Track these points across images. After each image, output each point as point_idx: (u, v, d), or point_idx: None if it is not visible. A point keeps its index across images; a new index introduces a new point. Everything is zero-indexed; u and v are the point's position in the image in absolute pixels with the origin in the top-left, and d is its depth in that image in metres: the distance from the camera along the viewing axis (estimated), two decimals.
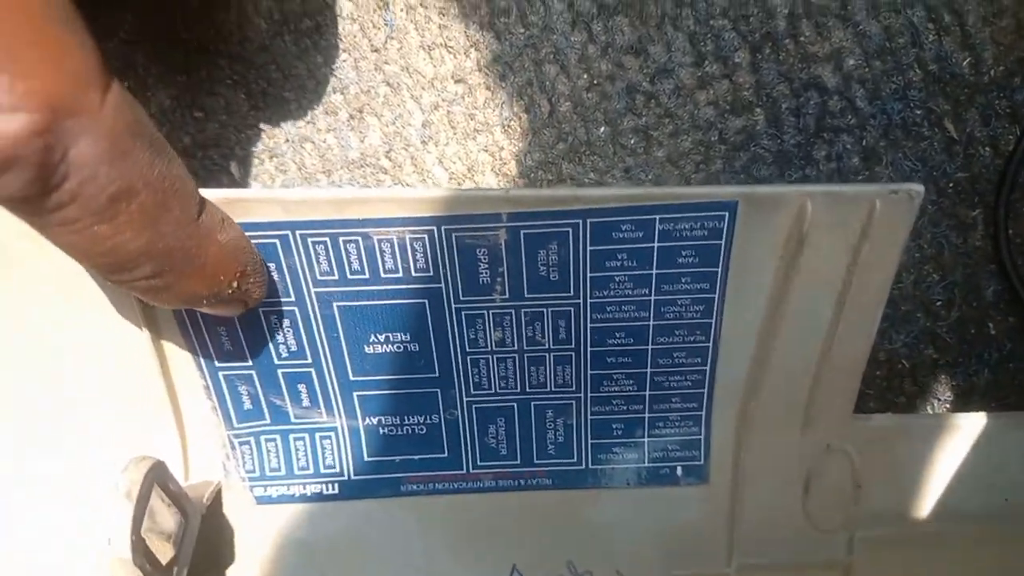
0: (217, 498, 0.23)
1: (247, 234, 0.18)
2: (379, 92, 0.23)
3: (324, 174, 0.24)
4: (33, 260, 0.19)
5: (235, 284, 0.17)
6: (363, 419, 0.22)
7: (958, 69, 0.23)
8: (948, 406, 0.26)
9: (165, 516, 0.21)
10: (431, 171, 0.24)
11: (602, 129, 0.23)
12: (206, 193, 0.18)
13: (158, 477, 0.20)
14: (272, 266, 0.19)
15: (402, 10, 0.22)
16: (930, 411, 0.27)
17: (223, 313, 0.18)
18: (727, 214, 0.18)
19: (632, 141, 0.23)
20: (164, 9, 0.23)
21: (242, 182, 0.24)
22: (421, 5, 0.22)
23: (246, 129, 0.24)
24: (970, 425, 0.24)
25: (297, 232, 0.19)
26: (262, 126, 0.24)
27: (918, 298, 0.25)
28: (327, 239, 0.19)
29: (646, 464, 0.23)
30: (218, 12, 0.23)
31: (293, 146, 0.24)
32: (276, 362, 0.21)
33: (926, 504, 0.24)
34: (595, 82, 0.23)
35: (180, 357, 0.21)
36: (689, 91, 0.23)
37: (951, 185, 0.24)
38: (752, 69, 0.23)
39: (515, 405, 0.22)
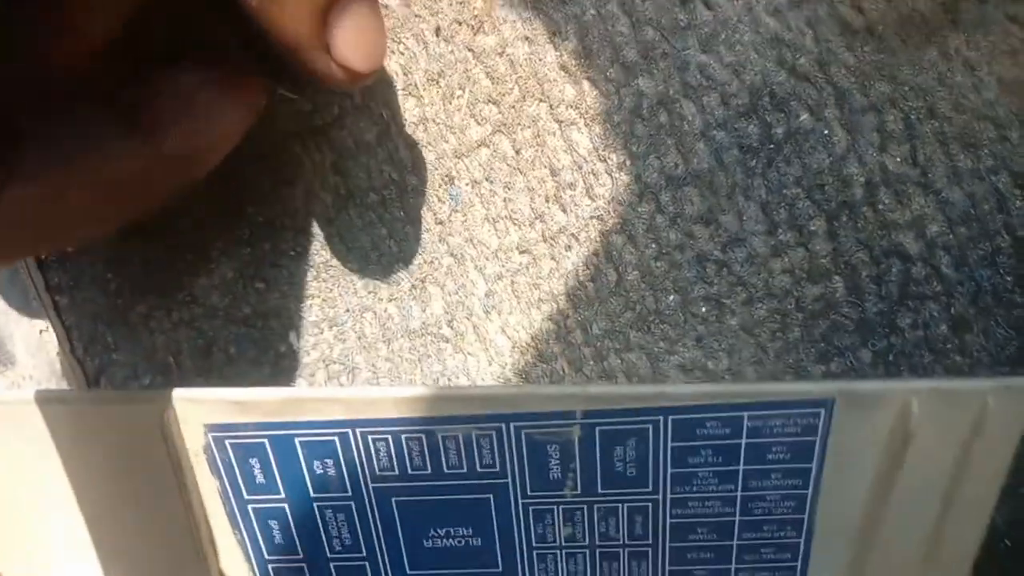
0: None
1: (307, 432, 0.18)
2: (442, 263, 0.23)
3: (384, 343, 0.23)
4: (78, 452, 0.19)
5: None
6: None
7: None
8: None
9: None
10: (493, 340, 0.23)
11: (671, 297, 0.22)
12: (264, 395, 0.17)
13: None
14: (329, 462, 0.18)
15: (467, 184, 0.22)
16: None
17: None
18: (823, 411, 0.17)
19: (703, 309, 0.22)
20: (234, 187, 0.23)
21: (300, 351, 0.24)
22: (487, 179, 0.22)
23: (307, 299, 0.23)
24: None
25: (358, 430, 0.18)
26: (323, 297, 0.23)
27: (1020, 471, 0.23)
28: (389, 436, 0.18)
29: None
30: (285, 188, 0.23)
31: (353, 315, 0.23)
32: (328, 555, 0.20)
33: None
34: (664, 251, 0.22)
35: (229, 548, 0.20)
36: (763, 259, 0.22)
37: None
38: (829, 237, 0.22)
39: None
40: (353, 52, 0.17)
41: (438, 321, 0.23)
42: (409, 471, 0.18)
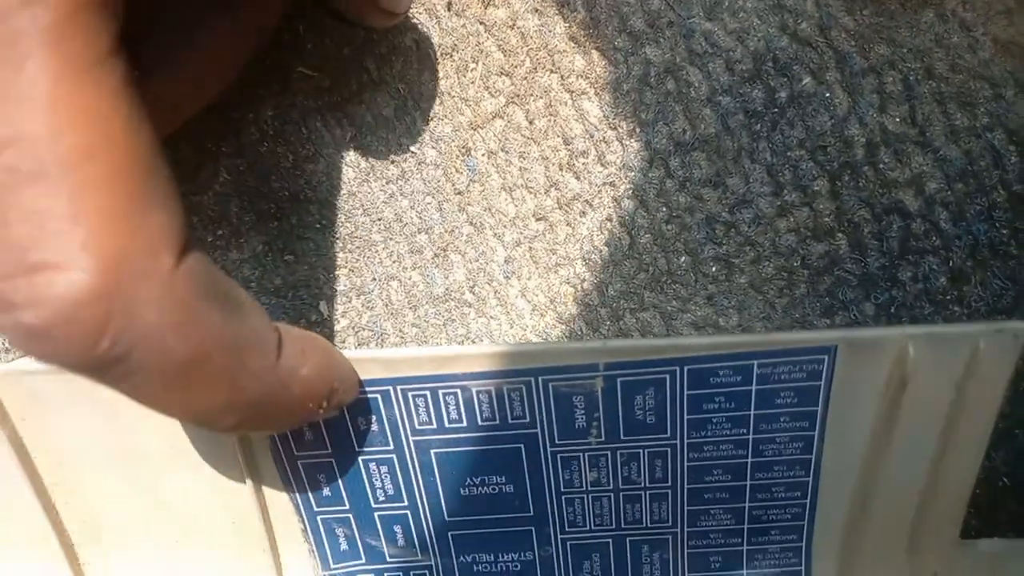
0: None
1: None
2: (463, 231, 0.24)
3: (410, 309, 0.25)
4: (141, 417, 0.20)
5: (325, 404, 0.17)
6: (458, 557, 0.22)
7: None
8: None
9: None
10: (514, 304, 0.24)
11: (683, 259, 0.24)
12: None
13: None
14: (372, 418, 0.20)
15: (484, 155, 0.23)
16: None
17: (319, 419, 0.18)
18: (826, 357, 0.18)
19: (714, 269, 0.24)
20: (257, 163, 0.24)
21: (330, 319, 0.25)
22: (502, 150, 0.23)
23: (334, 269, 0.25)
24: None
25: (398, 387, 0.19)
26: (350, 267, 0.25)
27: (1016, 415, 0.24)
28: (427, 393, 0.19)
29: None
30: (308, 163, 0.24)
31: (379, 284, 0.25)
32: (373, 505, 0.21)
33: None
34: (674, 214, 0.23)
35: (280, 502, 0.21)
36: (769, 219, 0.23)
37: None
38: (832, 196, 0.23)
39: (610, 541, 0.22)
40: None
41: (461, 287, 0.24)
42: (446, 424, 0.20)
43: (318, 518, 0.21)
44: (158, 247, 0.12)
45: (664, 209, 0.23)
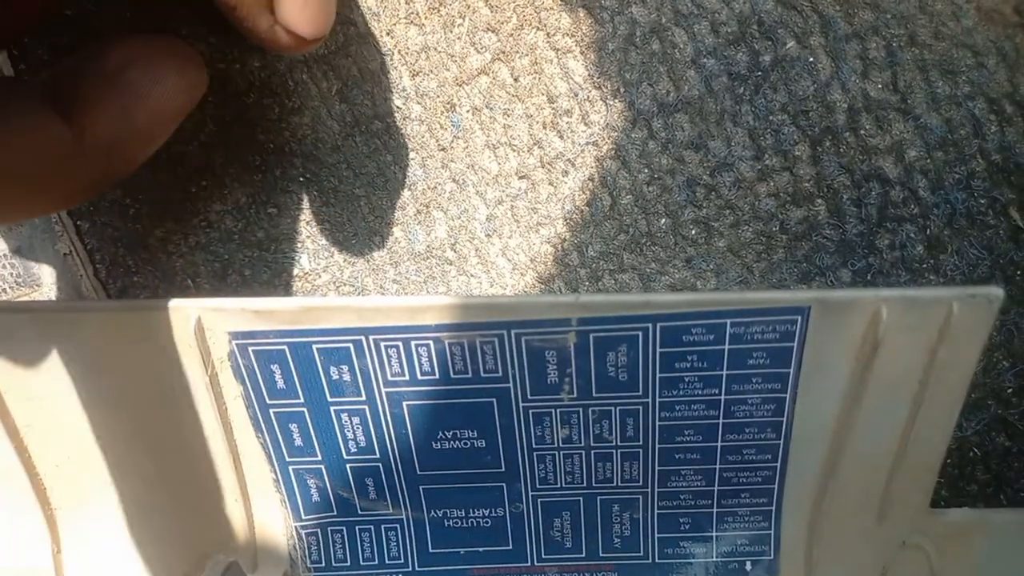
0: None
1: (323, 339, 0.19)
2: (445, 188, 0.24)
3: (391, 265, 0.25)
4: (115, 358, 0.20)
5: None
6: (429, 511, 0.22)
7: (1022, 159, 0.23)
8: (1023, 494, 0.26)
9: None
10: (495, 262, 0.24)
11: (663, 221, 0.24)
12: (283, 304, 0.19)
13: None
14: (345, 367, 0.20)
15: (468, 111, 0.23)
16: (1003, 499, 0.26)
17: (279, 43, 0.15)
18: (800, 318, 0.19)
19: (693, 232, 0.24)
20: (243, 115, 0.24)
21: (312, 274, 0.25)
22: (487, 107, 0.23)
23: (317, 224, 0.25)
24: None
25: (371, 337, 0.19)
26: (332, 221, 0.24)
27: (988, 385, 0.24)
28: (399, 343, 0.19)
29: (714, 559, 0.23)
30: (293, 116, 0.24)
31: (362, 239, 0.25)
32: (345, 457, 0.21)
33: None
34: (656, 176, 0.23)
35: (251, 452, 0.22)
36: (749, 183, 0.23)
37: (1019, 272, 0.23)
38: (812, 161, 0.23)
39: (581, 499, 0.22)
40: (299, 14, 0.15)
41: (442, 244, 0.24)
42: (418, 376, 0.20)
43: (290, 468, 0.22)
44: None
45: (646, 171, 0.23)
